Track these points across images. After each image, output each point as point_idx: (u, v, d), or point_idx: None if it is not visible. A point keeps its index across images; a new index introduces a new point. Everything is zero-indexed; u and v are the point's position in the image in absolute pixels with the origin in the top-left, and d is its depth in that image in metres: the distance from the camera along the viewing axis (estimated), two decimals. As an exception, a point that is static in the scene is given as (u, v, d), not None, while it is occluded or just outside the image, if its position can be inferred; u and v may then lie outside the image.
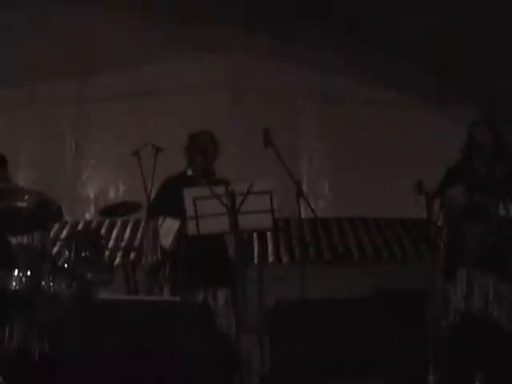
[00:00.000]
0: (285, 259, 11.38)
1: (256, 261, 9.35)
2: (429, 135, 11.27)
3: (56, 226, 9.14)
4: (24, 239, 7.96)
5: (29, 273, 7.70)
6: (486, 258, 7.11)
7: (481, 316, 7.08)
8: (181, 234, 7.67)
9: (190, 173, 8.05)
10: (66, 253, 8.17)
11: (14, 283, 7.70)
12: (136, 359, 6.78)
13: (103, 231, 10.47)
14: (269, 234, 10.45)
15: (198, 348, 6.82)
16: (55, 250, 8.75)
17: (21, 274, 7.72)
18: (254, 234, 9.11)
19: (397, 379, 6.72)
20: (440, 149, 8.27)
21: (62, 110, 12.34)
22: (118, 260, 9.92)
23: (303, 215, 7.91)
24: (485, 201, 7.13)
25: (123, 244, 10.70)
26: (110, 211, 9.47)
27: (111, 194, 11.90)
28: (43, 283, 7.75)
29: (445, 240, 7.37)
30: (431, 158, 8.60)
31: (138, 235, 10.97)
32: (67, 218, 9.15)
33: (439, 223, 7.31)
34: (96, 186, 12.22)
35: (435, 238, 7.44)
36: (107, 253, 9.22)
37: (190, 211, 7.26)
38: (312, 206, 7.90)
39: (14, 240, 7.99)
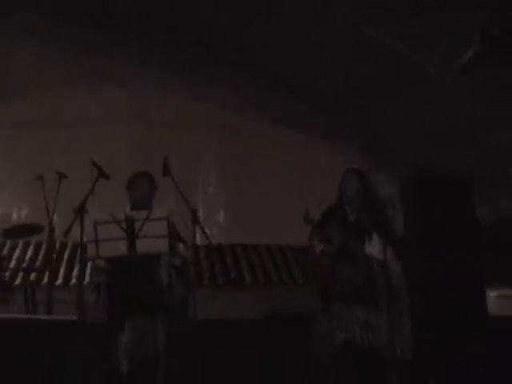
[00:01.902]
0: (181, 282, 11.43)
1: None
2: (317, 168, 11.48)
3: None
4: None
5: None
6: (357, 295, 7.18)
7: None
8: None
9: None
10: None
11: None
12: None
13: (5, 252, 10.27)
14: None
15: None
16: None
17: None
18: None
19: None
20: (325, 181, 8.39)
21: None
22: (18, 280, 9.80)
23: (199, 241, 7.78)
24: (355, 245, 7.24)
25: (24, 265, 10.30)
26: (12, 233, 9.41)
27: (14, 216, 11.79)
28: None
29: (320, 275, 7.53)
30: (318, 189, 8.70)
31: (40, 256, 10.79)
32: None
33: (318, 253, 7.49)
34: (1, 208, 12.11)
35: (313, 267, 7.66)
36: (7, 273, 9.18)
37: (89, 235, 7.16)
38: (207, 232, 7.80)
39: None
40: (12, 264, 10.31)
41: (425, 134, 11.43)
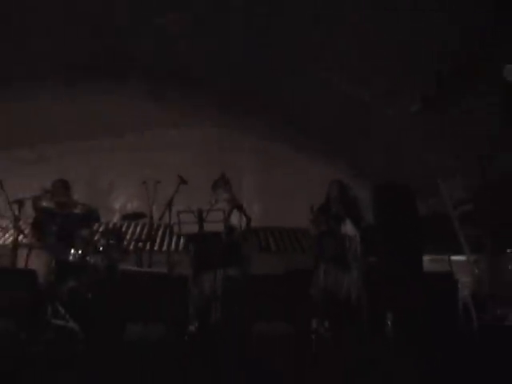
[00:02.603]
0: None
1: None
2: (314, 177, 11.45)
3: (96, 225, 9.40)
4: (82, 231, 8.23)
5: (80, 252, 7.99)
6: (335, 259, 7.91)
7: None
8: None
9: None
10: (101, 241, 8.27)
11: (70, 257, 7.94)
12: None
13: (123, 229, 10.53)
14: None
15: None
16: (95, 239, 8.54)
17: (74, 252, 7.99)
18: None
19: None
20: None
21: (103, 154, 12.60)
22: (131, 246, 9.85)
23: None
24: (335, 227, 8.02)
25: (134, 237, 10.84)
26: (128, 217, 9.82)
27: (128, 207, 12.17)
28: (88, 258, 8.01)
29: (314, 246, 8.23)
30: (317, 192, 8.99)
31: (144, 232, 11.00)
32: (103, 220, 9.16)
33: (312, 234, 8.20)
34: (120, 202, 12.53)
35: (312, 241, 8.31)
36: (126, 242, 9.32)
37: (174, 220, 7.79)
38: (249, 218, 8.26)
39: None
40: (128, 236, 10.68)
41: (387, 156, 11.36)
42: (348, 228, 8.03)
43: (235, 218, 8.25)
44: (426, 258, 9.72)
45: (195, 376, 5.45)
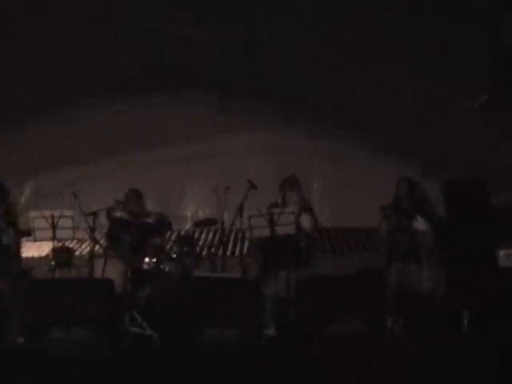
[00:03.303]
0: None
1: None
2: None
3: (168, 233, 9.55)
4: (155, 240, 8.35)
5: (154, 260, 8.12)
6: (407, 255, 7.87)
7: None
8: None
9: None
10: (175, 248, 8.44)
11: (144, 266, 8.13)
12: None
13: (196, 236, 10.61)
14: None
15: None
16: (168, 246, 8.94)
17: (148, 260, 8.16)
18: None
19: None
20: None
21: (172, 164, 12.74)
22: (204, 253, 10.12)
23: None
24: (407, 223, 7.94)
25: (207, 243, 11.04)
26: (200, 224, 9.84)
27: (200, 214, 12.19)
28: (162, 266, 8.15)
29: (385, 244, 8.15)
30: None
31: (216, 238, 10.99)
32: (175, 228, 9.45)
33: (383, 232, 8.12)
34: (191, 209, 12.61)
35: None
36: (198, 248, 9.65)
37: (245, 224, 7.78)
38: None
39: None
40: (200, 243, 10.96)
41: (459, 152, 11.26)
42: (419, 224, 7.93)
43: (305, 220, 8.20)
44: (501, 253, 9.45)
45: (273, 379, 5.45)
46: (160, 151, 12.58)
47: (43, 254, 10.24)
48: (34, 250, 10.72)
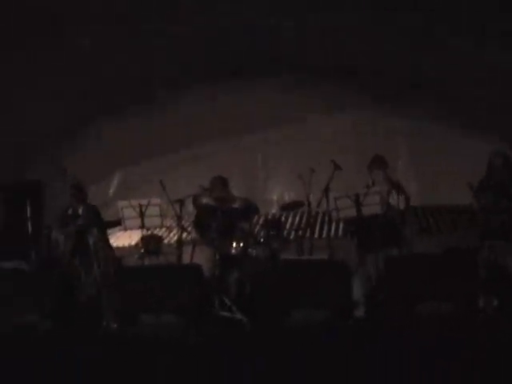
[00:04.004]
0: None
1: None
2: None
3: (255, 217, 9.37)
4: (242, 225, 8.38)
5: (241, 244, 8.13)
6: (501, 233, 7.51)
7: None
8: None
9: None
10: (262, 232, 8.49)
11: (232, 250, 8.12)
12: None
13: (282, 219, 10.23)
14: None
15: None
16: (255, 231, 8.96)
17: (236, 245, 8.14)
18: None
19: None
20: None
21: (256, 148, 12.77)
22: (292, 236, 10.05)
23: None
24: (499, 199, 7.58)
25: (294, 226, 10.96)
26: (286, 207, 9.73)
27: (286, 197, 12.04)
28: (249, 250, 8.15)
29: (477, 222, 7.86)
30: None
31: (303, 221, 10.94)
32: (261, 212, 9.27)
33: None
34: (277, 193, 12.55)
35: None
36: (285, 232, 9.55)
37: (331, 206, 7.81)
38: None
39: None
40: (287, 226, 10.84)
41: None
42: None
43: (393, 199, 8.09)
44: None
45: (361, 359, 5.40)
46: (244, 137, 12.59)
47: (133, 242, 10.47)
48: (124, 238, 10.97)
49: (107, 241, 8.72)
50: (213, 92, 12.48)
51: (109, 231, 8.95)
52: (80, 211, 8.60)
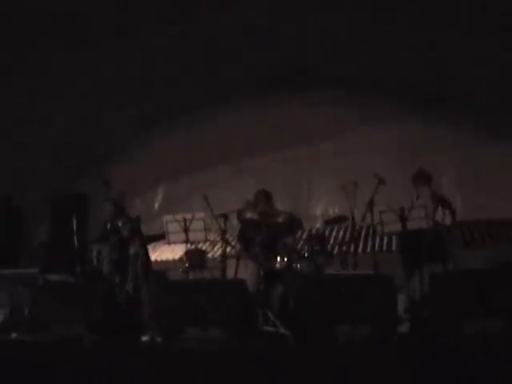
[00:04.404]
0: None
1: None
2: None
3: (299, 232, 9.52)
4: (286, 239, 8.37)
5: (285, 259, 8.12)
6: None
7: None
8: None
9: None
10: (306, 247, 8.43)
11: (276, 265, 8.12)
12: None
13: (326, 234, 10.49)
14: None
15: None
16: (299, 245, 8.95)
17: (280, 260, 8.16)
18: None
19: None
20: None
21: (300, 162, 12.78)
22: (336, 250, 10.02)
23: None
24: None
25: (338, 241, 10.99)
26: (330, 222, 9.75)
27: (330, 212, 12.06)
28: (293, 265, 8.13)
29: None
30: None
31: (347, 235, 10.96)
32: (305, 226, 9.39)
33: None
34: (321, 207, 12.54)
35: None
36: (329, 246, 9.54)
37: (376, 220, 7.86)
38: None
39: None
40: (331, 240, 10.90)
41: None
42: None
43: (439, 215, 8.06)
44: None
45: (406, 375, 5.34)
46: (287, 151, 12.63)
47: (177, 256, 10.52)
48: (168, 252, 11.05)
49: (146, 250, 8.75)
50: (257, 106, 12.57)
51: (153, 245, 8.99)
52: (120, 224, 8.62)
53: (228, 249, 8.58)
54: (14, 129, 11.39)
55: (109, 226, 8.75)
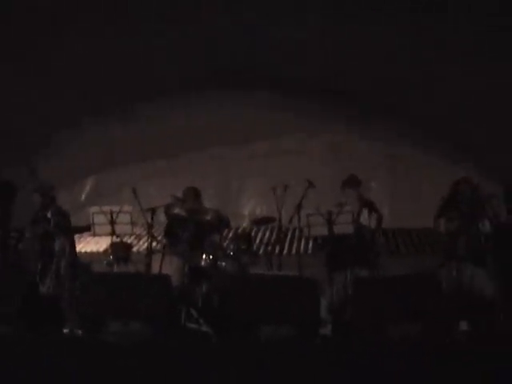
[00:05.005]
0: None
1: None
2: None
3: (226, 231, 9.48)
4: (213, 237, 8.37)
5: (211, 257, 8.08)
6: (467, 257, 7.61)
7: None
8: None
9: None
10: (232, 246, 8.41)
11: (202, 262, 8.03)
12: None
13: (253, 234, 10.48)
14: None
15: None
16: (225, 244, 8.90)
17: (205, 257, 8.11)
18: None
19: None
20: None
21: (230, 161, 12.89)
22: (261, 251, 10.03)
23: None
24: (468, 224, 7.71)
25: (264, 241, 11.04)
26: (257, 222, 9.69)
27: (257, 212, 12.17)
28: (219, 263, 8.10)
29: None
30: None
31: (273, 236, 11.01)
32: (232, 225, 9.34)
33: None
34: (249, 207, 12.67)
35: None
36: (255, 246, 9.60)
37: (303, 223, 7.84)
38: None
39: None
40: (257, 241, 10.95)
41: None
42: (483, 226, 7.68)
43: (364, 218, 8.10)
44: None
45: (326, 378, 5.38)
46: (219, 150, 12.62)
47: (102, 248, 10.38)
48: (92, 244, 10.89)
49: (73, 246, 8.60)
50: (188, 103, 12.42)
51: (78, 236, 8.84)
52: (49, 214, 8.46)
53: (154, 243, 8.47)
54: None
55: (40, 214, 8.52)
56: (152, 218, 8.27)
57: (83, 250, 9.47)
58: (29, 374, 5.69)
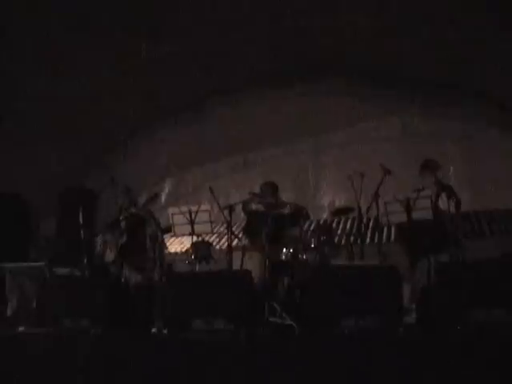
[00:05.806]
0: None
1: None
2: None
3: (306, 223, 9.34)
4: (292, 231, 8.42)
5: (291, 250, 8.11)
6: None
7: None
8: None
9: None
10: (312, 238, 8.32)
11: (282, 256, 8.08)
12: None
13: (333, 224, 10.34)
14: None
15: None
16: (306, 236, 8.64)
17: (286, 251, 8.12)
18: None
19: None
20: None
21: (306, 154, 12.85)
22: (343, 241, 9.92)
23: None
24: None
25: (345, 232, 10.88)
26: (337, 213, 9.80)
27: (336, 203, 12.02)
28: (300, 256, 8.13)
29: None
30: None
31: (354, 226, 10.91)
32: (312, 217, 9.36)
33: None
34: (328, 198, 12.48)
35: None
36: (337, 237, 9.47)
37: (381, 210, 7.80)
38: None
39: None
40: (338, 231, 10.80)
41: None
42: None
43: (443, 203, 7.96)
44: None
45: (411, 366, 5.32)
46: (294, 143, 12.62)
47: (183, 248, 10.51)
48: (176, 245, 11.04)
49: (162, 236, 8.71)
50: (262, 98, 12.56)
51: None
52: (133, 210, 8.73)
53: (234, 241, 8.54)
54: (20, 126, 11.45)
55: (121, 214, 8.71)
56: (230, 215, 8.32)
57: (166, 251, 9.56)
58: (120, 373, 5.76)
